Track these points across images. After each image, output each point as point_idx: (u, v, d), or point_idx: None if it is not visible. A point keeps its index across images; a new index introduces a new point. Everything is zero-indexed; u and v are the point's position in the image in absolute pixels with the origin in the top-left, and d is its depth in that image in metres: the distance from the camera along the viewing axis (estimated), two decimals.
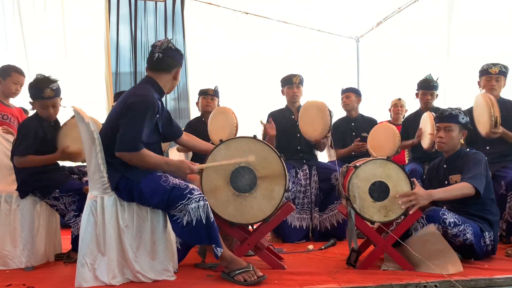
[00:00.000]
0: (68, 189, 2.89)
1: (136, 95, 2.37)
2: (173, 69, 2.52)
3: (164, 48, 2.47)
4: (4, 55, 5.12)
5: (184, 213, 2.27)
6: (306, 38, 6.79)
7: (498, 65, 3.58)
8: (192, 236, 2.30)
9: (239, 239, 2.64)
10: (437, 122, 2.96)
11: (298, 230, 3.71)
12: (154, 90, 2.46)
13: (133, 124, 2.30)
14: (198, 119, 4.31)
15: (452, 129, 2.84)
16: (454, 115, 2.85)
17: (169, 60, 2.49)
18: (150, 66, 2.53)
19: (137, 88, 2.49)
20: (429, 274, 2.36)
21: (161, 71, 2.51)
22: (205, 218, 2.27)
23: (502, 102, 3.58)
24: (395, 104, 5.16)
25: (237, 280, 2.28)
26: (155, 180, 2.33)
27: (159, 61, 2.48)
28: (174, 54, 2.51)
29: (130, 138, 2.29)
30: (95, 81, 6.02)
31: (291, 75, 4.00)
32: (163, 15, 6.57)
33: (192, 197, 2.28)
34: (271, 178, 2.59)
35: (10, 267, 2.77)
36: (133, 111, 2.31)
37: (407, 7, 5.85)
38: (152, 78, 2.51)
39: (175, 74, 2.54)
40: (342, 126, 4.41)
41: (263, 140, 2.71)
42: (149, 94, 2.39)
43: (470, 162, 2.76)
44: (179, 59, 2.55)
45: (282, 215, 2.71)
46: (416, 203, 2.53)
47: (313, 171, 3.85)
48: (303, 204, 3.77)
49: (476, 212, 2.71)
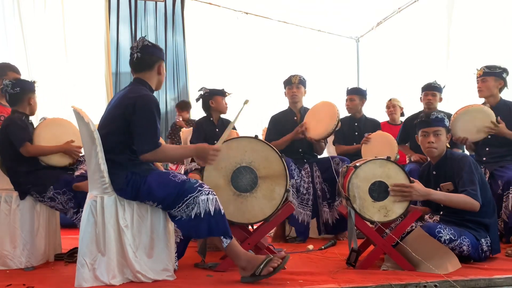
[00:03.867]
0: (61, 185, 2.88)
1: (141, 96, 2.38)
2: (154, 64, 2.54)
3: (141, 47, 2.51)
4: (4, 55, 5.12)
5: (193, 206, 2.28)
6: (306, 38, 6.79)
7: (482, 67, 3.61)
8: (197, 229, 2.30)
9: (239, 238, 2.64)
10: (422, 127, 2.83)
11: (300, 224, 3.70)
12: (147, 89, 2.50)
13: (148, 124, 2.34)
14: (206, 118, 4.27)
15: (441, 133, 2.80)
16: (440, 119, 2.80)
17: (148, 57, 2.52)
18: (133, 68, 2.56)
19: (135, 89, 2.48)
20: (429, 274, 2.36)
21: (144, 70, 2.53)
22: (213, 211, 2.29)
23: (503, 104, 3.59)
24: (387, 106, 5.16)
25: (267, 274, 2.23)
26: (163, 175, 2.38)
27: (139, 61, 2.52)
28: (152, 50, 2.54)
29: (149, 138, 2.34)
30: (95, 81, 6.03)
31: (290, 76, 4.01)
32: (163, 15, 6.58)
33: (202, 189, 2.31)
34: (272, 178, 2.59)
35: (10, 267, 2.77)
36: (145, 112, 2.33)
37: (407, 7, 5.86)
38: (139, 78, 2.53)
39: (158, 69, 2.56)
40: (345, 125, 4.39)
41: (264, 140, 2.71)
42: (150, 93, 2.44)
43: (461, 171, 2.69)
44: (158, 54, 2.57)
45: (282, 215, 2.70)
46: (408, 196, 2.53)
47: (314, 167, 3.87)
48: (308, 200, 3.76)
49: (471, 217, 2.67)
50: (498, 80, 3.58)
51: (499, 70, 3.57)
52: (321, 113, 3.78)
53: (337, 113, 3.68)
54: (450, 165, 2.78)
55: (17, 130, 2.94)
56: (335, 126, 3.66)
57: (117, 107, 2.40)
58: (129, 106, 2.34)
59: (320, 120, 3.74)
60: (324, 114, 3.75)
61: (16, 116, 3.03)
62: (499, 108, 3.56)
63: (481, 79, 3.60)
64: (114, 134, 2.37)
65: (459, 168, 2.72)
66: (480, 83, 3.61)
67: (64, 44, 5.81)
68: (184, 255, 2.94)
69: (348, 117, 4.47)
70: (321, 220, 3.82)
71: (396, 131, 4.85)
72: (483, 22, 4.75)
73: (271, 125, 4.09)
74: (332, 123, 3.65)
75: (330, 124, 3.66)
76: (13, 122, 2.98)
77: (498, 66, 3.58)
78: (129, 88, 2.50)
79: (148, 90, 2.48)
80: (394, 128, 4.98)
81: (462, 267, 2.46)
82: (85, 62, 5.94)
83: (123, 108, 2.36)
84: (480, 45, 4.74)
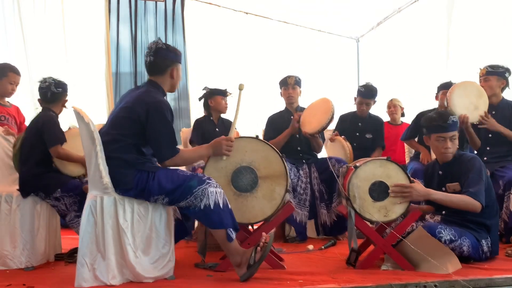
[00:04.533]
0: (70, 189, 2.90)
1: (155, 103, 2.39)
2: (167, 68, 2.53)
3: (155, 50, 2.49)
4: (4, 55, 5.12)
5: (202, 198, 2.31)
6: (306, 38, 6.78)
7: (486, 66, 3.62)
8: (209, 219, 2.34)
9: (239, 238, 2.63)
10: (439, 131, 2.74)
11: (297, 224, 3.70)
12: (161, 93, 2.52)
13: (165, 132, 2.38)
14: (206, 118, 4.28)
15: (456, 136, 2.78)
16: (456, 122, 2.76)
17: (161, 61, 2.51)
18: (147, 70, 2.58)
19: (150, 92, 2.48)
20: (429, 274, 2.37)
21: (156, 73, 2.54)
22: (222, 204, 2.33)
23: (505, 104, 3.59)
24: (388, 106, 5.16)
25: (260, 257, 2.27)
26: (172, 171, 2.43)
27: (151, 65, 2.52)
28: (166, 53, 2.52)
29: (168, 145, 2.39)
30: (95, 81, 6.02)
31: (286, 77, 4.01)
32: (163, 15, 6.56)
33: (211, 182, 2.36)
34: (272, 178, 2.59)
35: (10, 267, 2.77)
36: (160, 120, 2.37)
37: (407, 7, 5.85)
38: (153, 81, 2.55)
39: (171, 73, 2.55)
40: (347, 122, 4.38)
41: (264, 140, 2.71)
42: (163, 99, 2.47)
43: (469, 172, 2.67)
44: (172, 57, 2.54)
45: (282, 215, 2.70)
46: (408, 196, 2.53)
47: (312, 168, 3.87)
48: (305, 200, 3.76)
49: (473, 218, 2.66)
50: (501, 80, 3.59)
51: (502, 70, 3.58)
52: (316, 108, 3.80)
53: (331, 107, 3.67)
54: (459, 166, 2.76)
55: (56, 129, 2.98)
56: (328, 120, 3.66)
57: (130, 110, 2.39)
58: (142, 113, 2.35)
59: (314, 115, 3.76)
60: (319, 109, 3.76)
61: (53, 115, 3.07)
62: (501, 107, 3.58)
63: (483, 78, 3.61)
64: (125, 135, 2.37)
65: (466, 169, 2.70)
66: (483, 82, 3.61)
67: (64, 44, 5.79)
68: (184, 255, 2.95)
69: (353, 114, 4.42)
70: (319, 221, 3.82)
71: (396, 131, 4.86)
72: (483, 22, 4.75)
73: (268, 126, 4.10)
74: (326, 116, 3.65)
75: (324, 118, 3.66)
76: (51, 121, 3.01)
77: (501, 66, 3.59)
78: (144, 91, 2.49)
79: (161, 95, 2.50)
80: (394, 128, 4.98)
81: (462, 267, 2.46)
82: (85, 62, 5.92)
83: (136, 113, 2.37)
84: (480, 45, 4.74)
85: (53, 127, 2.98)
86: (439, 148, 2.78)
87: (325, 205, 3.80)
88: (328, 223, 3.77)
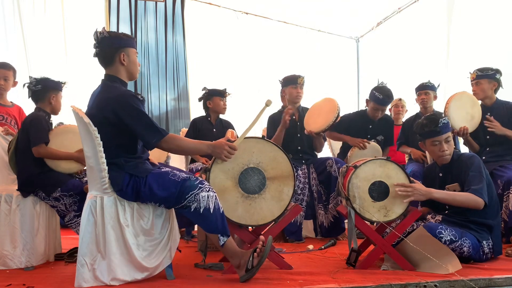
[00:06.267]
0: (69, 188, 2.89)
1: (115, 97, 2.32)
2: (114, 56, 2.42)
3: (99, 41, 2.43)
4: (4, 55, 5.11)
5: (193, 203, 2.28)
6: (306, 38, 6.79)
7: (475, 70, 3.66)
8: (199, 223, 2.34)
9: (247, 240, 2.61)
10: (432, 136, 2.76)
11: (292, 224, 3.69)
12: (119, 84, 2.44)
13: (140, 120, 2.31)
14: (203, 118, 4.31)
15: (450, 138, 2.79)
16: (447, 124, 2.78)
17: (107, 50, 2.42)
18: (100, 64, 2.49)
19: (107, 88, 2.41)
20: (429, 274, 2.36)
21: (107, 64, 2.46)
22: (212, 208, 2.29)
23: (500, 104, 3.62)
24: (395, 105, 5.14)
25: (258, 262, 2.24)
26: (163, 176, 2.35)
27: (99, 56, 2.45)
28: (110, 41, 2.42)
29: (149, 131, 2.32)
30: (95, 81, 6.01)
31: (295, 76, 3.95)
32: (163, 16, 6.57)
33: (203, 186, 2.30)
34: (280, 179, 2.58)
35: (10, 267, 2.77)
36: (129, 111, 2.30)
37: (407, 7, 5.86)
38: (107, 74, 2.47)
39: (120, 59, 2.43)
40: (358, 122, 4.19)
41: (271, 141, 2.69)
42: (123, 90, 2.38)
43: (469, 170, 2.68)
44: (117, 43, 2.42)
45: (290, 216, 2.67)
46: (411, 195, 2.53)
47: (311, 168, 3.88)
48: (302, 201, 3.77)
49: (475, 218, 2.66)
50: (492, 82, 3.63)
51: (491, 72, 3.61)
52: (321, 108, 3.81)
53: (337, 106, 3.68)
54: (458, 166, 2.77)
55: (38, 129, 2.94)
56: (335, 118, 3.66)
57: (97, 115, 2.33)
58: (109, 114, 2.30)
59: (319, 114, 3.76)
60: (323, 109, 3.76)
61: (41, 114, 3.04)
62: (495, 108, 3.63)
63: (475, 82, 3.67)
64: (106, 141, 2.31)
65: (466, 168, 2.71)
66: (475, 86, 3.67)
67: (64, 44, 5.80)
68: (184, 255, 2.94)
69: (363, 116, 4.24)
70: (317, 222, 3.83)
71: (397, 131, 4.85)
72: (483, 22, 4.75)
73: (269, 125, 4.08)
74: (332, 115, 3.65)
75: (330, 117, 3.66)
76: (36, 120, 2.97)
77: (490, 68, 3.63)
78: (100, 91, 2.42)
79: (120, 85, 2.41)
80: (396, 128, 4.98)
81: (462, 267, 2.46)
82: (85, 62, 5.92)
83: (103, 112, 2.32)
84: (480, 45, 4.74)
85: (35, 126, 2.94)
86: (436, 152, 2.79)
87: (322, 206, 3.80)
88: (325, 224, 3.78)
